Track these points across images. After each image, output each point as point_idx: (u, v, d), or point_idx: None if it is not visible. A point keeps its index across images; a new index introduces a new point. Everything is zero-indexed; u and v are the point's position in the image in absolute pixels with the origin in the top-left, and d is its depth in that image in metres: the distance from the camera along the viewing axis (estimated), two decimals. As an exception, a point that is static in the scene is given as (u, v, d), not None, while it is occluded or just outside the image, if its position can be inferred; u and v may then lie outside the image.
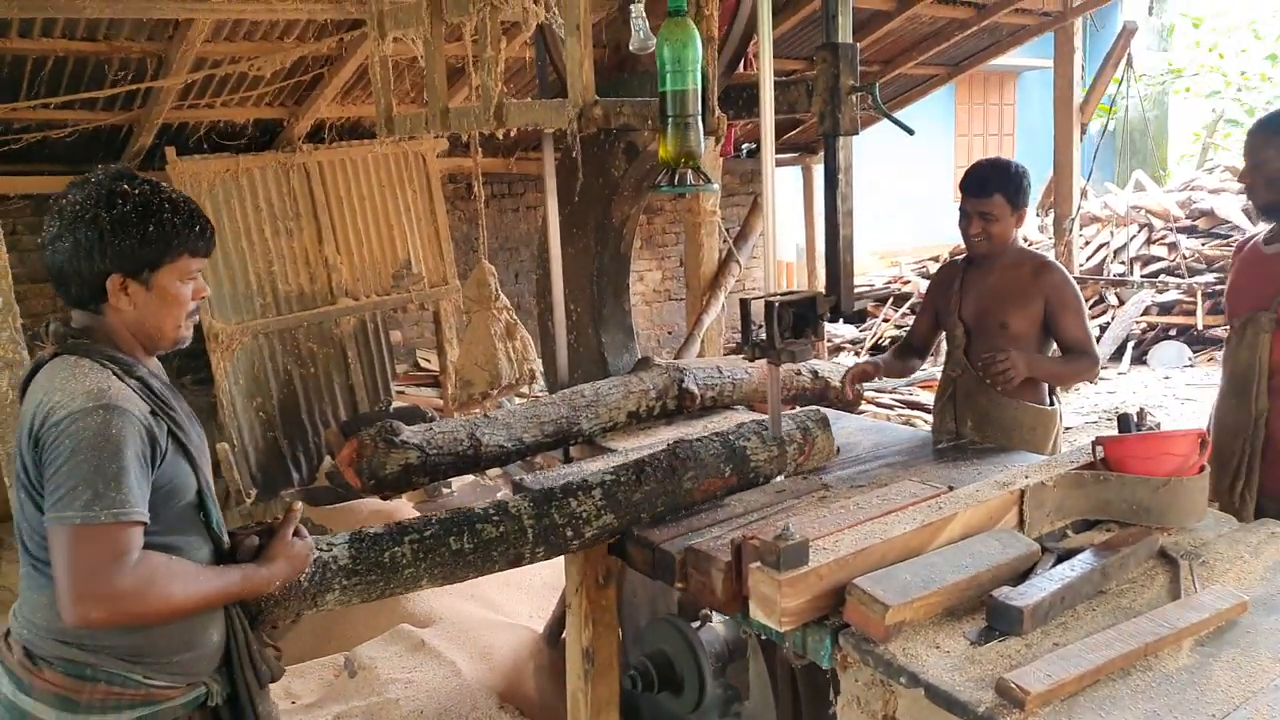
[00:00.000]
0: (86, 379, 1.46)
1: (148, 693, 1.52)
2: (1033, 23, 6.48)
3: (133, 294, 1.54)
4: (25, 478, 1.48)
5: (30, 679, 1.49)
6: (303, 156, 5.00)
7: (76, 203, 1.52)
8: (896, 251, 11.24)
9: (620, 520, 2.04)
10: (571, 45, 1.97)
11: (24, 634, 1.52)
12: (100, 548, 1.39)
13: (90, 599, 1.39)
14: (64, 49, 3.83)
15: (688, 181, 2.06)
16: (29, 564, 1.52)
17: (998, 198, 2.66)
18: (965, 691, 1.42)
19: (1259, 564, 1.80)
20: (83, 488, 1.39)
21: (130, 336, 1.58)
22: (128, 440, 1.43)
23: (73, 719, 1.48)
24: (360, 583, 1.82)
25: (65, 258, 1.52)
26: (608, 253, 3.26)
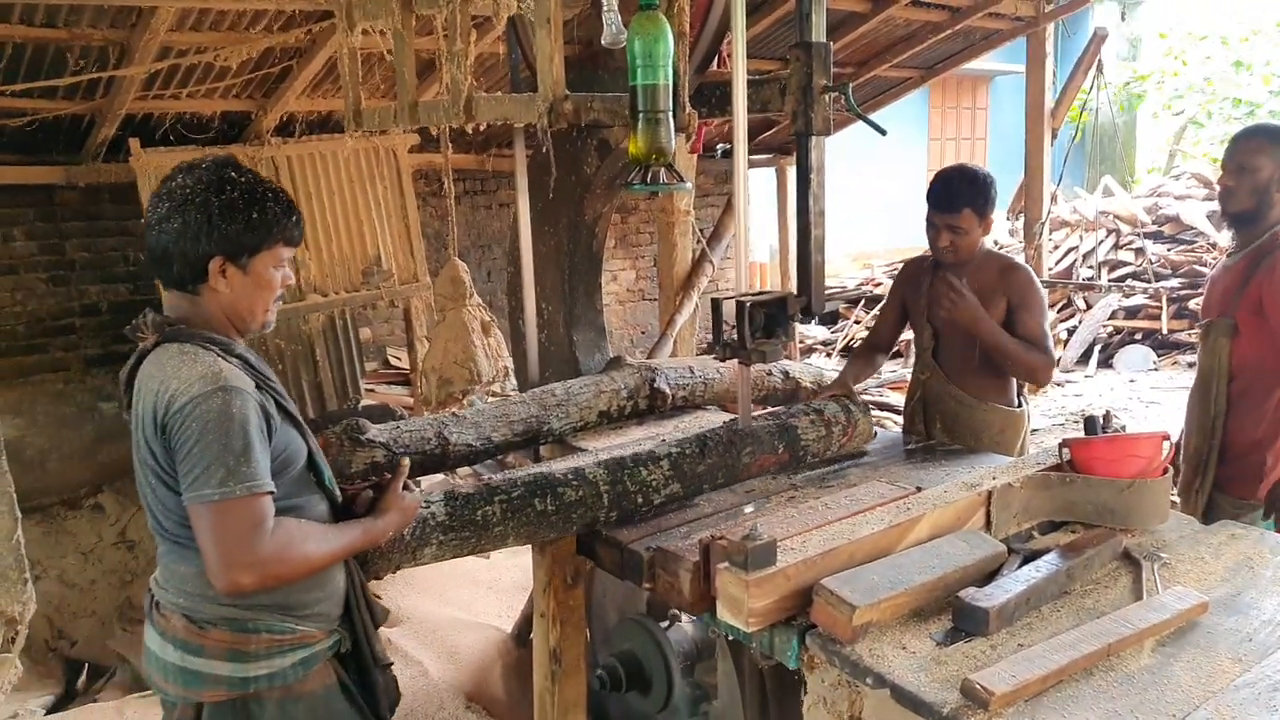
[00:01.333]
0: (198, 364, 1.55)
1: (301, 636, 1.66)
2: (1006, 27, 6.54)
3: (230, 277, 1.62)
4: (155, 464, 1.57)
5: (200, 641, 1.61)
6: (271, 150, 4.92)
7: (187, 186, 1.60)
8: (869, 254, 11.32)
9: (685, 490, 2.16)
10: (542, 39, 1.95)
11: (180, 603, 1.63)
12: (240, 520, 1.50)
13: (239, 567, 1.51)
14: (22, 35, 3.72)
15: (660, 180, 2.05)
16: (170, 541, 1.63)
17: (966, 211, 2.64)
18: (931, 692, 1.42)
19: (1219, 565, 1.83)
20: (215, 466, 1.49)
21: (224, 318, 1.66)
22: (248, 417, 1.53)
23: (245, 667, 1.62)
24: (455, 538, 1.92)
25: (172, 238, 1.59)
26: (580, 251, 3.24)
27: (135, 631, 4.38)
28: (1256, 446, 2.52)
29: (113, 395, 5.14)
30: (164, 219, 1.60)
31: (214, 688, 1.62)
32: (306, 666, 1.67)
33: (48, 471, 4.94)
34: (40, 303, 4.89)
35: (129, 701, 3.15)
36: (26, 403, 4.88)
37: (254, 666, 1.62)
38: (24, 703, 3.42)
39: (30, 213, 4.81)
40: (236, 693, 1.62)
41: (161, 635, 1.65)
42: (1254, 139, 2.56)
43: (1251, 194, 2.53)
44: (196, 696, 1.64)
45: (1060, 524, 2.01)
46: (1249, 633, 1.58)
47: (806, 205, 2.19)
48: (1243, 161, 2.53)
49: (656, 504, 2.13)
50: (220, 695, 1.63)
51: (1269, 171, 2.51)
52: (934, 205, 2.70)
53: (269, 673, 1.64)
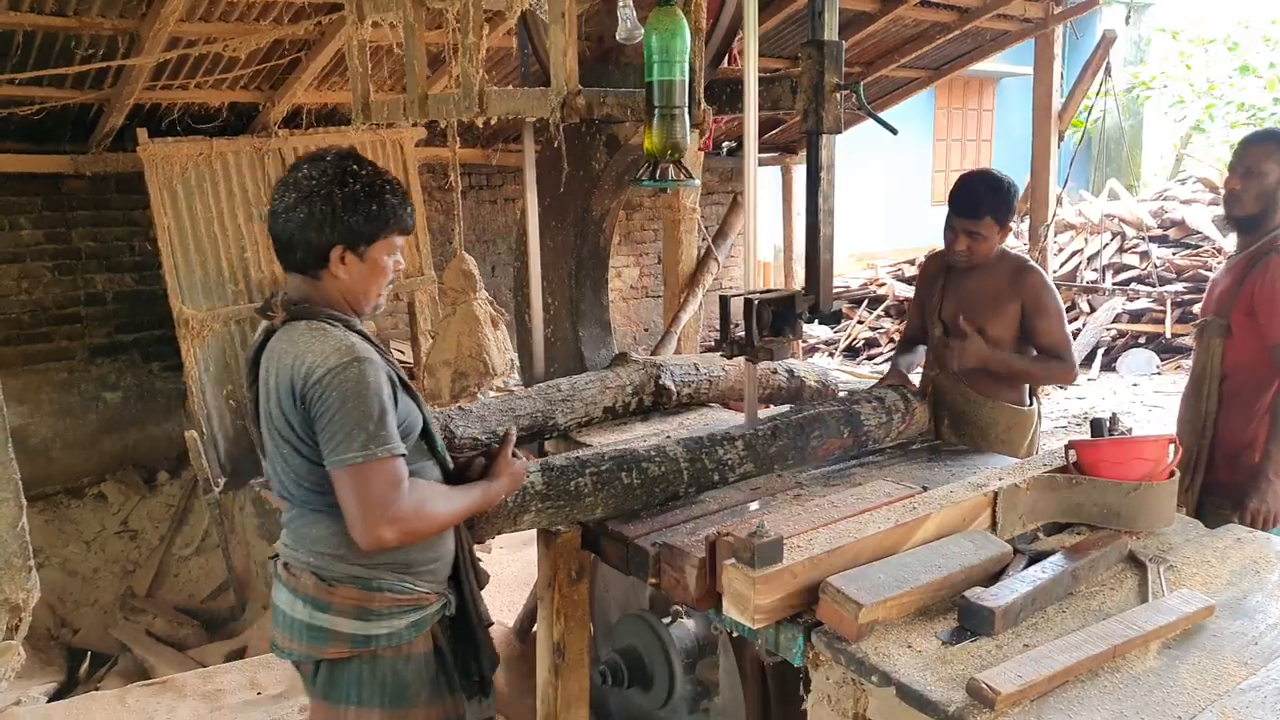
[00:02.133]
0: (330, 338, 1.66)
1: (418, 598, 1.78)
2: (1014, 29, 6.52)
3: (349, 264, 1.73)
4: (291, 434, 1.68)
5: (329, 598, 1.73)
6: (278, 142, 4.92)
7: (312, 178, 1.70)
8: (873, 254, 11.31)
9: (758, 469, 2.27)
10: (555, 33, 1.95)
11: (310, 562, 1.75)
12: (382, 480, 1.62)
13: (383, 523, 1.62)
14: (32, 23, 3.73)
15: (669, 176, 2.05)
16: (299, 506, 1.76)
17: (988, 219, 2.61)
18: (936, 691, 1.42)
19: (1225, 569, 1.83)
20: (357, 431, 1.61)
21: (342, 300, 1.77)
22: (381, 386, 1.65)
23: (368, 625, 1.74)
24: (551, 506, 2.01)
25: (297, 227, 1.70)
26: (586, 247, 3.24)
27: (136, 621, 4.39)
28: (1246, 448, 2.54)
29: (117, 385, 5.16)
30: (290, 208, 1.70)
31: (338, 645, 1.74)
32: (418, 629, 1.79)
33: (51, 460, 4.95)
34: (46, 291, 4.89)
35: (131, 690, 3.16)
36: (31, 391, 4.89)
37: (376, 625, 1.74)
38: (26, 690, 3.44)
39: (37, 201, 4.82)
40: (358, 650, 1.74)
41: (292, 593, 1.76)
42: (1263, 144, 2.57)
43: (1258, 198, 2.55)
44: (320, 653, 1.75)
45: (1066, 526, 2.00)
46: (1255, 636, 1.58)
47: (816, 204, 2.18)
48: (1250, 165, 2.55)
49: (731, 481, 2.24)
50: (343, 652, 1.74)
51: (1276, 176, 2.53)
52: (955, 210, 2.65)
53: (389, 632, 1.75)
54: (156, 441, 5.24)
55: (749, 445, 2.25)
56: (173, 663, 3.88)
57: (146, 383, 5.23)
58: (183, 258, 4.65)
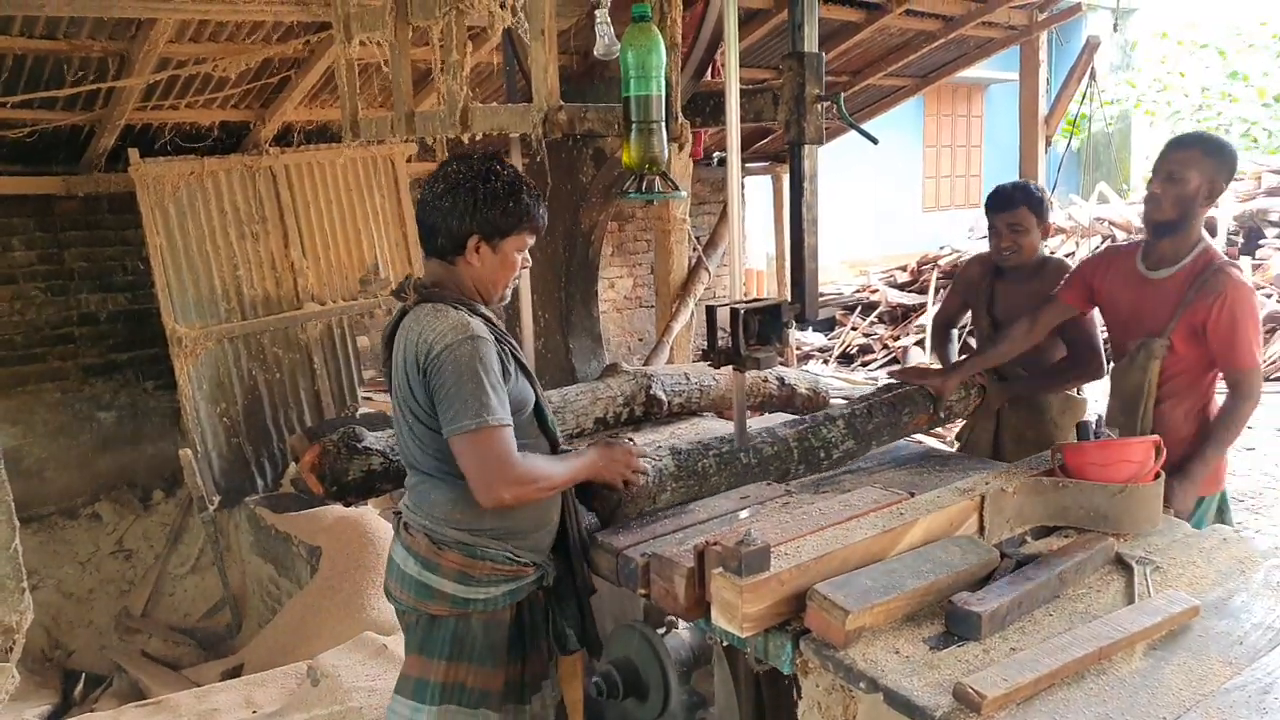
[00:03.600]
0: (448, 318, 1.82)
1: (516, 569, 1.92)
2: (999, 36, 6.58)
3: (483, 254, 1.89)
4: (415, 405, 1.85)
5: (437, 559, 1.89)
6: (269, 160, 4.95)
7: (460, 172, 1.87)
8: (865, 261, 11.35)
9: (859, 446, 2.46)
10: (536, 50, 1.97)
11: (425, 524, 1.91)
12: (497, 445, 1.78)
13: (502, 483, 1.79)
14: (22, 47, 3.75)
15: (655, 188, 2.07)
16: (421, 473, 1.93)
17: (1023, 209, 2.83)
18: (924, 696, 1.43)
19: (1211, 569, 1.84)
20: (471, 402, 1.76)
21: (473, 287, 1.93)
22: (493, 362, 1.80)
23: (468, 590, 1.90)
24: (683, 486, 2.15)
25: (441, 214, 1.87)
26: (576, 259, 3.26)
27: (131, 641, 4.38)
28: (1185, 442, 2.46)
29: (111, 404, 5.16)
30: (438, 197, 1.87)
31: (440, 603, 1.90)
32: (512, 598, 1.94)
33: (45, 481, 4.94)
34: (39, 312, 4.90)
35: (126, 711, 3.15)
36: (25, 412, 4.89)
37: (475, 590, 1.90)
38: (21, 713, 3.42)
39: (30, 222, 4.83)
40: (457, 610, 1.90)
41: (407, 550, 1.93)
42: (1188, 149, 2.42)
43: (1175, 204, 2.40)
44: (424, 608, 1.92)
45: (1053, 529, 2.02)
46: (1239, 636, 1.59)
47: (800, 213, 2.20)
48: (1171, 170, 2.41)
49: (835, 459, 2.42)
50: (444, 610, 1.91)
51: (1196, 184, 2.38)
52: (992, 207, 2.89)
53: (485, 598, 1.91)
54: (151, 460, 5.24)
55: (849, 423, 2.44)
56: (168, 682, 3.87)
57: (140, 402, 5.23)
58: (175, 276, 4.66)
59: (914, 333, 8.71)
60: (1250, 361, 2.42)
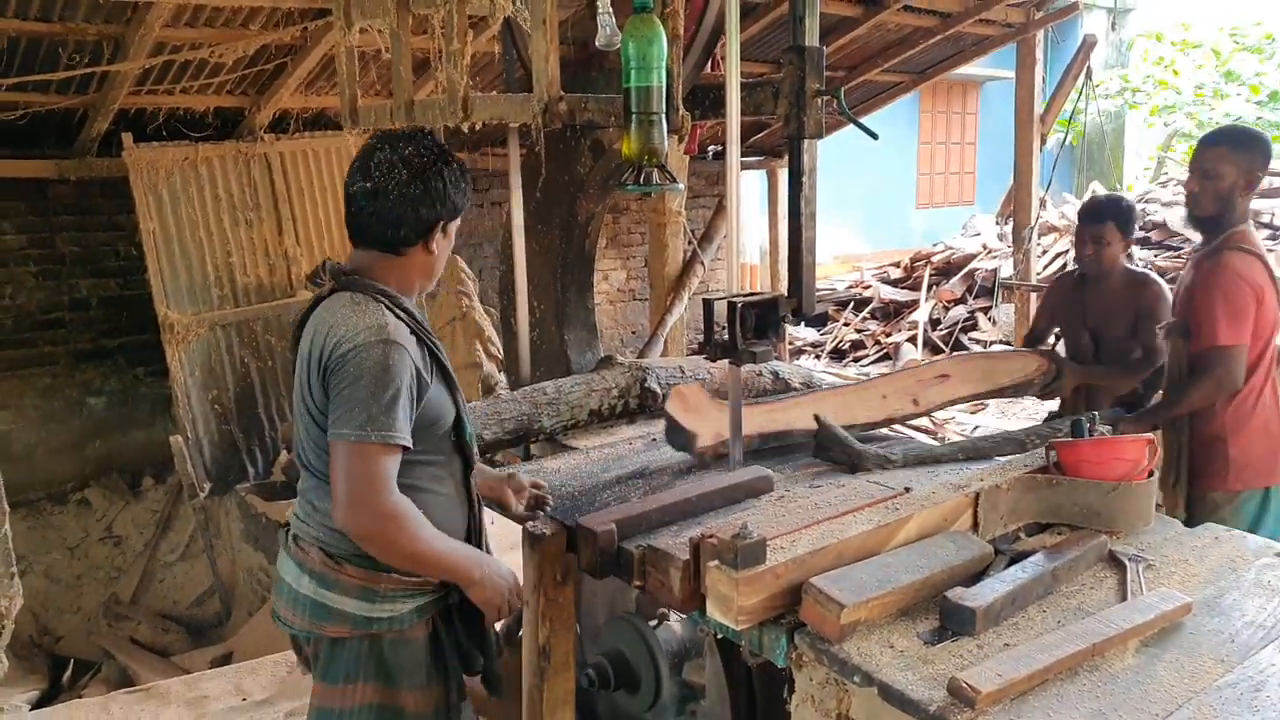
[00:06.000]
0: (367, 314, 1.65)
1: (422, 583, 1.75)
2: (996, 33, 6.58)
3: (437, 240, 1.76)
4: (312, 403, 1.69)
5: (335, 575, 1.71)
6: (264, 146, 4.92)
7: (421, 154, 1.71)
8: (858, 256, 11.37)
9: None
10: (537, 39, 1.96)
11: (320, 537, 1.73)
12: (369, 465, 1.60)
13: (357, 508, 1.61)
14: (16, 29, 3.71)
15: (653, 181, 2.06)
16: (315, 477, 1.74)
17: (1110, 224, 2.97)
18: (918, 690, 1.43)
19: (1203, 567, 1.85)
20: (360, 410, 1.59)
21: (415, 279, 1.78)
22: (402, 373, 1.63)
23: (372, 607, 1.72)
24: None
25: (410, 203, 1.70)
26: (572, 250, 3.26)
27: (120, 628, 4.37)
28: (1218, 439, 2.60)
29: (101, 390, 5.13)
30: (404, 184, 1.69)
31: (340, 623, 1.72)
32: (420, 614, 1.77)
33: (34, 466, 4.92)
34: (30, 297, 4.87)
35: (115, 697, 3.14)
36: (14, 397, 4.86)
37: (379, 608, 1.72)
38: (9, 698, 3.41)
39: (21, 206, 4.80)
40: (359, 630, 1.72)
41: (299, 567, 1.74)
42: (1217, 146, 2.60)
43: (1215, 199, 2.58)
44: (321, 630, 1.73)
45: (1047, 526, 2.02)
46: (1231, 634, 1.60)
47: (798, 208, 2.20)
48: (1207, 167, 2.58)
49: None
50: (344, 631, 1.72)
51: (1232, 178, 2.55)
52: (1083, 219, 3.06)
53: (390, 615, 1.73)
54: (141, 447, 5.22)
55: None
56: (157, 669, 3.86)
57: (131, 388, 5.20)
58: (168, 262, 4.64)
59: (906, 329, 8.74)
60: (1210, 339, 2.50)
